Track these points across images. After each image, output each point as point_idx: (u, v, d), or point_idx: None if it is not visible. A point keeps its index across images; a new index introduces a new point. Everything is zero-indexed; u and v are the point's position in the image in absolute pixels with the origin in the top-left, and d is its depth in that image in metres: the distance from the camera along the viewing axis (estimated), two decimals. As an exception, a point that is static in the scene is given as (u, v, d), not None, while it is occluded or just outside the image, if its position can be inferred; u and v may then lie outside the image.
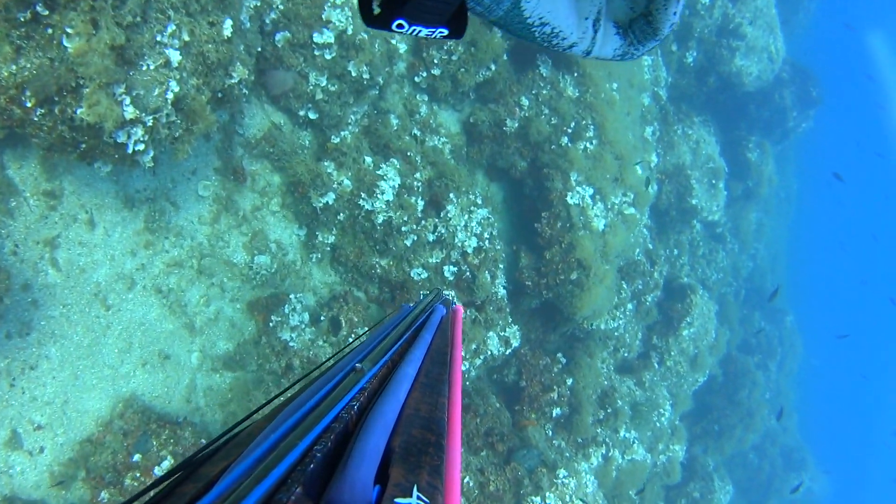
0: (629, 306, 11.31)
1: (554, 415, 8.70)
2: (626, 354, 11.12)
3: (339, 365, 1.24)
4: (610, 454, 8.81)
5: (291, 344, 6.32)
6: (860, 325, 41.04)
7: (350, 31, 6.42)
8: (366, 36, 6.60)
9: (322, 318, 6.59)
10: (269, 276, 6.43)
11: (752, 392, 13.66)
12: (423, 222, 7.32)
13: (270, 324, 6.26)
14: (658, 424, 9.94)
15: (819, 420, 27.41)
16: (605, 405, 9.24)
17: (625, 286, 11.04)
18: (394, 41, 7.32)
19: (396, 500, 0.78)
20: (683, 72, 13.37)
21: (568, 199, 8.95)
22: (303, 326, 6.45)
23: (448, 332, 1.95)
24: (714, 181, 13.29)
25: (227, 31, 4.99)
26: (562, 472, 7.34)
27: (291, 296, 6.43)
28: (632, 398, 9.65)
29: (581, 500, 7.18)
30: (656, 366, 11.17)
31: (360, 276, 7.14)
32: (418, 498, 0.80)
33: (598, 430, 8.96)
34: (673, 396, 10.93)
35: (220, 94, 5.23)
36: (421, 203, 7.33)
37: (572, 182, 9.03)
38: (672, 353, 11.19)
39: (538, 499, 7.04)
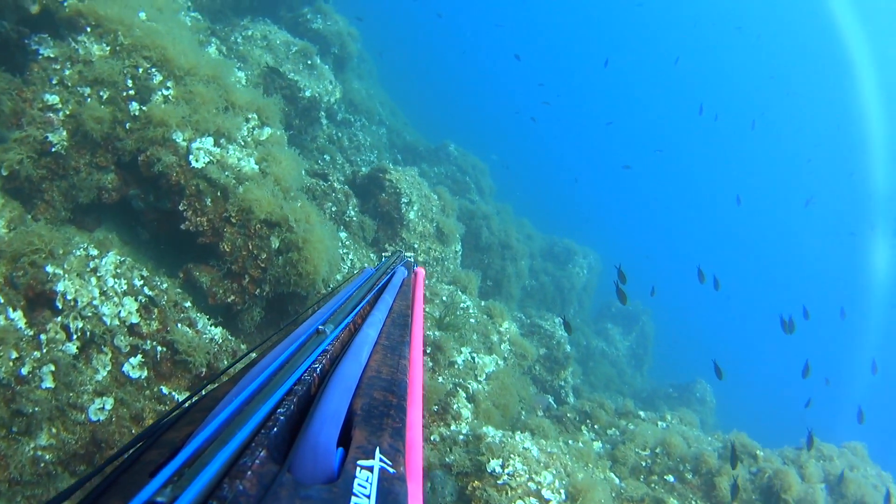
0: (342, 235, 8.93)
1: (387, 410, 6.10)
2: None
3: (301, 327, 1.18)
4: (471, 391, 6.68)
5: None
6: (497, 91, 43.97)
7: None
8: None
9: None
10: None
11: (489, 225, 12.91)
12: (42, 338, 4.47)
13: None
14: (473, 321, 8.12)
15: (538, 202, 29.21)
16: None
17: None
18: None
19: (359, 462, 0.75)
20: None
21: (193, 164, 5.93)
22: None
23: (409, 294, 1.94)
24: (308, 62, 11.15)
25: None
26: (495, 467, 4.91)
27: None
28: (431, 320, 7.53)
29: (549, 470, 4.90)
30: (413, 270, 9.20)
31: (31, 487, 4.19)
32: (381, 460, 0.77)
33: (441, 380, 6.69)
34: (455, 283, 9.19)
35: None
36: (18, 315, 4.44)
37: (182, 144, 6.03)
38: (415, 245, 9.30)
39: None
